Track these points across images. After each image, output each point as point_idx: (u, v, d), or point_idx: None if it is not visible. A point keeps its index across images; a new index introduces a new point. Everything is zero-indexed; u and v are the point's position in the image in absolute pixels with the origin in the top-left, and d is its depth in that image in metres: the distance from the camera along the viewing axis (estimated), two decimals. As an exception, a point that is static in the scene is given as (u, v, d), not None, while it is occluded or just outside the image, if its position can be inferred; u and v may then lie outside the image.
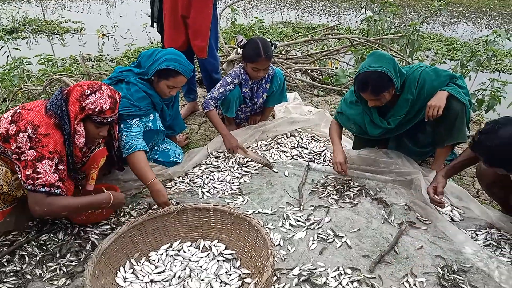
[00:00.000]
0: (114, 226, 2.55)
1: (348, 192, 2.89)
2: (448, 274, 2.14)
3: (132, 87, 2.76)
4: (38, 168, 2.13)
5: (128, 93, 2.73)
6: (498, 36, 4.87)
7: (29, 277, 2.17)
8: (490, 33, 5.01)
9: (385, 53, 2.74)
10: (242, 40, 3.37)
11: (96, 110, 2.23)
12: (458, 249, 2.32)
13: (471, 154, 2.34)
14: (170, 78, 2.78)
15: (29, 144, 2.13)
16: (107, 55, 7.59)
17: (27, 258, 2.28)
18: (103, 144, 2.58)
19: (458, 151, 3.41)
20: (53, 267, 2.23)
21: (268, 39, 3.40)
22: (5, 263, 2.24)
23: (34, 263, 2.26)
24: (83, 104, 2.22)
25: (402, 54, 5.56)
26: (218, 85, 3.43)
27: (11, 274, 2.17)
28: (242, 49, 3.38)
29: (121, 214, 2.68)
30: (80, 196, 2.38)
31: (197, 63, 4.10)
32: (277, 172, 3.17)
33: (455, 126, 2.77)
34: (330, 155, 3.43)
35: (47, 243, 2.40)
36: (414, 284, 2.08)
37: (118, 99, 2.35)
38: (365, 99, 2.79)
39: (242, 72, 3.46)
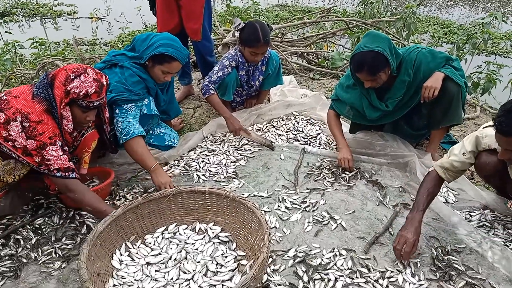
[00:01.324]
0: (109, 209, 2.55)
1: (344, 175, 2.90)
2: (442, 254, 2.17)
3: (126, 71, 2.72)
4: (46, 155, 2.13)
5: (122, 77, 2.69)
6: (494, 19, 4.84)
7: (24, 260, 2.18)
8: (487, 15, 4.98)
9: (380, 33, 2.72)
10: (240, 24, 3.33)
11: (81, 94, 2.17)
12: (452, 230, 2.34)
13: (430, 188, 2.26)
14: (165, 63, 2.74)
15: (23, 134, 2.10)
16: (101, 38, 7.49)
17: (22, 242, 2.29)
18: (94, 127, 2.55)
19: (452, 133, 3.42)
20: (49, 251, 2.23)
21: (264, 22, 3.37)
22: (0, 247, 2.25)
23: (29, 247, 2.26)
24: (67, 88, 2.16)
25: (398, 37, 5.52)
26: (215, 68, 3.39)
27: (6, 257, 2.18)
28: (239, 32, 3.34)
29: (116, 198, 2.68)
30: (105, 202, 2.37)
31: (191, 46, 4.05)
32: (276, 152, 3.19)
33: (450, 107, 2.76)
34: (326, 138, 3.43)
35: (42, 226, 2.41)
36: (408, 265, 2.10)
37: (105, 83, 2.29)
38: (361, 80, 2.77)
39: (238, 54, 3.43)
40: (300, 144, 3.33)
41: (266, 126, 3.63)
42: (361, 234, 2.35)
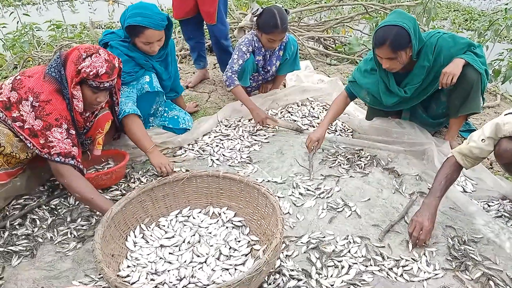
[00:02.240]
0: (124, 192, 2.57)
1: (359, 162, 2.86)
2: (458, 244, 2.13)
3: (114, 50, 2.67)
4: (49, 137, 2.13)
5: None
6: (518, 5, 4.70)
7: (40, 240, 2.21)
8: (510, 1, 4.83)
9: (406, 12, 2.64)
10: (258, 9, 3.27)
11: (92, 74, 2.16)
12: (469, 220, 2.30)
13: (449, 174, 2.21)
14: (140, 34, 2.66)
15: (33, 113, 2.12)
16: (117, 22, 7.48)
17: (38, 222, 2.32)
18: (108, 108, 2.56)
19: (472, 122, 3.35)
20: (64, 231, 2.26)
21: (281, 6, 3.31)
22: (17, 227, 2.29)
23: (45, 227, 2.29)
24: (78, 67, 2.16)
25: (418, 23, 5.40)
26: (235, 56, 3.34)
27: (23, 237, 2.22)
28: (256, 18, 3.28)
29: (131, 180, 2.69)
30: (96, 191, 2.29)
31: (207, 30, 4.03)
32: (291, 138, 3.19)
33: (469, 95, 2.69)
34: (342, 124, 3.39)
35: (58, 207, 2.44)
36: (424, 254, 2.07)
37: (117, 65, 2.28)
38: (380, 63, 2.69)
39: (255, 39, 3.38)
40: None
41: (281, 112, 3.59)
42: (376, 222, 2.32)
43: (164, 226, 2.24)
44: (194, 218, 2.29)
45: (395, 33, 2.49)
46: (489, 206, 2.45)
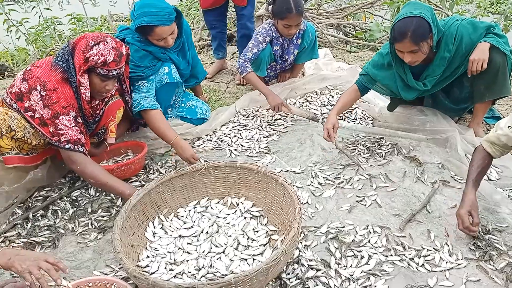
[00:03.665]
0: (143, 183, 2.59)
1: (380, 151, 2.80)
2: (482, 233, 2.06)
3: (131, 47, 2.68)
4: (58, 125, 2.17)
5: None
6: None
7: (62, 231, 2.25)
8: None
9: (420, 2, 2.56)
10: None
11: (99, 61, 2.16)
12: (494, 209, 2.22)
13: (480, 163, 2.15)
14: (151, 33, 2.66)
15: (41, 102, 2.16)
16: (137, 14, 7.53)
17: (60, 213, 2.36)
18: (118, 96, 2.57)
19: (497, 108, 3.24)
20: (85, 222, 2.30)
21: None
22: (39, 218, 2.33)
23: (66, 218, 2.33)
24: (86, 56, 2.17)
25: (441, 7, 5.26)
26: (250, 45, 3.31)
27: (45, 228, 2.26)
28: (271, 6, 3.23)
29: (150, 171, 2.71)
30: (110, 175, 2.34)
31: (229, 18, 4.06)
32: (309, 127, 3.15)
33: (497, 78, 2.59)
34: (362, 113, 3.33)
35: (79, 199, 2.47)
36: (446, 243, 2.02)
37: (124, 53, 2.27)
38: (399, 58, 2.61)
39: (272, 29, 3.32)
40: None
41: (300, 101, 3.55)
42: (397, 211, 2.28)
43: (182, 216, 2.25)
44: (212, 208, 2.29)
45: (415, 24, 2.40)
46: (515, 194, 2.37)
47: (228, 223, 2.18)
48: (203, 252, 1.99)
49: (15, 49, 5.17)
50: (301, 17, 3.17)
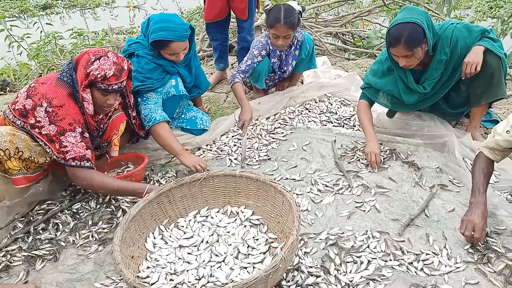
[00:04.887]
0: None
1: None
2: (481, 237, 2.07)
3: (142, 60, 2.74)
4: (64, 142, 2.20)
5: (139, 66, 2.72)
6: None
7: (63, 244, 2.27)
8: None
9: (416, 7, 2.59)
10: (268, 5, 3.26)
11: (99, 76, 2.19)
12: (492, 211, 2.23)
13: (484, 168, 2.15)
14: (165, 47, 2.72)
15: (47, 119, 2.18)
16: (138, 27, 7.60)
17: (61, 226, 2.38)
18: (121, 110, 2.60)
19: (494, 111, 3.25)
20: (86, 234, 2.32)
21: (297, 2, 3.26)
22: (40, 231, 2.35)
23: (67, 231, 2.35)
24: (87, 71, 2.20)
25: (438, 13, 5.28)
26: (245, 58, 3.32)
27: (46, 241, 2.28)
28: (266, 16, 3.27)
29: (151, 182, 2.73)
30: (119, 179, 2.41)
31: (231, 28, 4.12)
32: (309, 135, 3.18)
33: (493, 81, 2.61)
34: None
35: (80, 211, 2.49)
36: (445, 247, 2.03)
37: (126, 67, 2.30)
38: (396, 61, 2.64)
39: (269, 42, 3.33)
40: (334, 126, 3.27)
41: (299, 109, 3.57)
42: (396, 216, 2.29)
43: (182, 226, 2.26)
44: (212, 217, 2.31)
45: (409, 29, 2.43)
46: (512, 197, 2.38)
47: (228, 232, 2.19)
48: (203, 261, 2.00)
49: (17, 64, 5.22)
50: (290, 29, 3.11)
